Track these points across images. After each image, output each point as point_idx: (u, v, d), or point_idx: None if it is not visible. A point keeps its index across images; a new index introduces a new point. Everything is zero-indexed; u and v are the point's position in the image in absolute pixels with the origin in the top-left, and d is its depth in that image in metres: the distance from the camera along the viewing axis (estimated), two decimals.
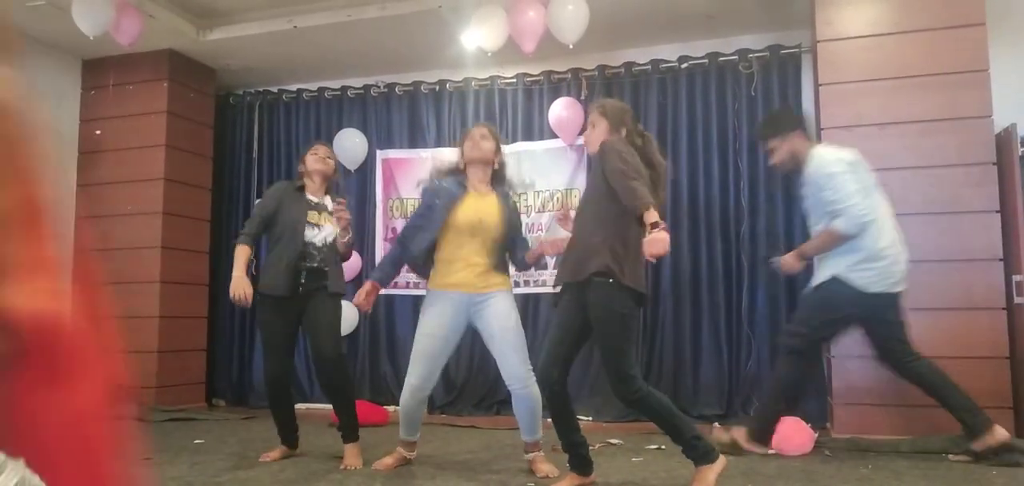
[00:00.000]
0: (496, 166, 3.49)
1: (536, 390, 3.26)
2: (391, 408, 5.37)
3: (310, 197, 3.73)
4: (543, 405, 3.07)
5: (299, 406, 5.54)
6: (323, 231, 3.67)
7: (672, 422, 2.80)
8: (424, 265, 3.44)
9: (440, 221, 3.34)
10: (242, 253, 3.61)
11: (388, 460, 3.47)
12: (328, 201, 3.77)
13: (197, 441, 4.28)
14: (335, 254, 3.70)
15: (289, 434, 3.76)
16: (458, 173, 3.49)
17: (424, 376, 3.35)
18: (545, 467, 3.29)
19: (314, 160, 3.77)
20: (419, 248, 3.39)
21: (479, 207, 3.36)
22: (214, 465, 3.56)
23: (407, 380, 3.40)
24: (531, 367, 3.28)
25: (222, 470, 3.44)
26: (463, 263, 3.32)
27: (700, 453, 2.80)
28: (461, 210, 3.33)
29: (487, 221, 3.34)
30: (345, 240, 3.66)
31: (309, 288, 3.59)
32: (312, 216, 3.67)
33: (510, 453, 3.43)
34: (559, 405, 2.94)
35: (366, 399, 5.42)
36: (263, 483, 3.19)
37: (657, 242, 2.57)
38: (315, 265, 3.61)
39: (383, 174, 5.89)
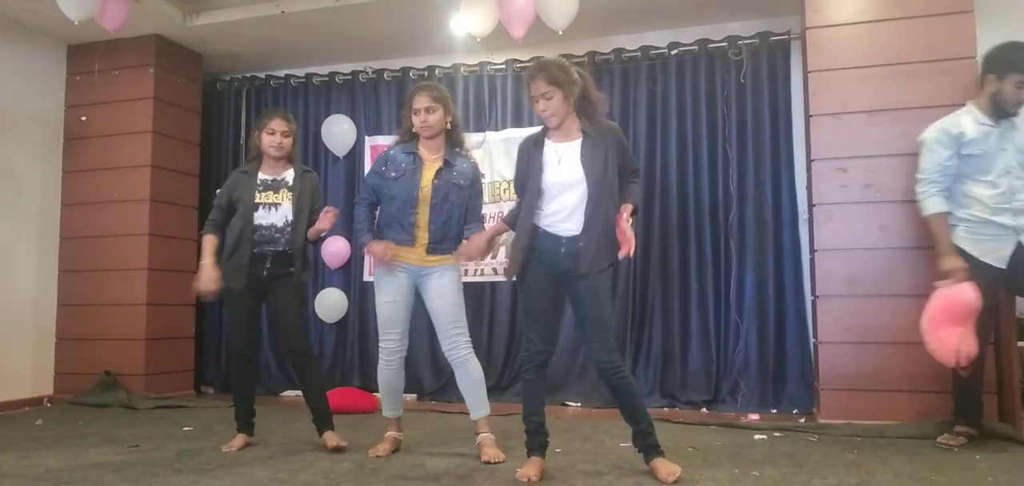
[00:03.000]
0: (449, 126, 3.42)
1: (475, 362, 3.38)
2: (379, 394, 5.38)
3: (262, 176, 3.57)
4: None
5: (288, 393, 5.58)
6: (281, 210, 3.52)
7: (639, 403, 2.91)
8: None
9: (411, 193, 3.30)
10: (208, 243, 3.55)
11: (383, 447, 3.46)
12: (289, 175, 3.60)
13: (186, 428, 4.26)
14: (302, 236, 3.54)
15: (249, 419, 3.68)
16: (409, 141, 3.43)
17: (396, 338, 3.39)
18: (492, 452, 3.27)
19: (269, 142, 3.56)
20: (391, 217, 3.37)
21: (425, 176, 3.34)
22: (203, 452, 3.55)
23: (381, 347, 3.42)
24: (469, 339, 3.39)
25: (211, 457, 3.43)
26: (409, 235, 3.32)
27: (653, 444, 2.91)
28: (421, 181, 3.33)
29: (426, 190, 3.33)
30: (316, 232, 3.53)
31: (274, 273, 3.51)
32: (264, 196, 3.53)
33: (498, 438, 3.44)
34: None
35: (355, 386, 5.43)
36: (252, 470, 3.18)
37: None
38: (280, 249, 3.50)
39: (372, 160, 5.86)
